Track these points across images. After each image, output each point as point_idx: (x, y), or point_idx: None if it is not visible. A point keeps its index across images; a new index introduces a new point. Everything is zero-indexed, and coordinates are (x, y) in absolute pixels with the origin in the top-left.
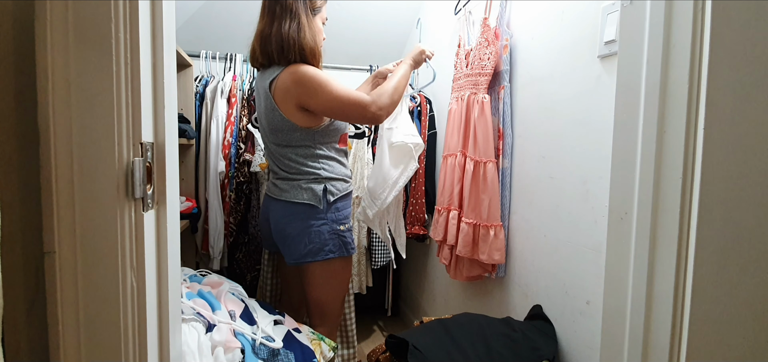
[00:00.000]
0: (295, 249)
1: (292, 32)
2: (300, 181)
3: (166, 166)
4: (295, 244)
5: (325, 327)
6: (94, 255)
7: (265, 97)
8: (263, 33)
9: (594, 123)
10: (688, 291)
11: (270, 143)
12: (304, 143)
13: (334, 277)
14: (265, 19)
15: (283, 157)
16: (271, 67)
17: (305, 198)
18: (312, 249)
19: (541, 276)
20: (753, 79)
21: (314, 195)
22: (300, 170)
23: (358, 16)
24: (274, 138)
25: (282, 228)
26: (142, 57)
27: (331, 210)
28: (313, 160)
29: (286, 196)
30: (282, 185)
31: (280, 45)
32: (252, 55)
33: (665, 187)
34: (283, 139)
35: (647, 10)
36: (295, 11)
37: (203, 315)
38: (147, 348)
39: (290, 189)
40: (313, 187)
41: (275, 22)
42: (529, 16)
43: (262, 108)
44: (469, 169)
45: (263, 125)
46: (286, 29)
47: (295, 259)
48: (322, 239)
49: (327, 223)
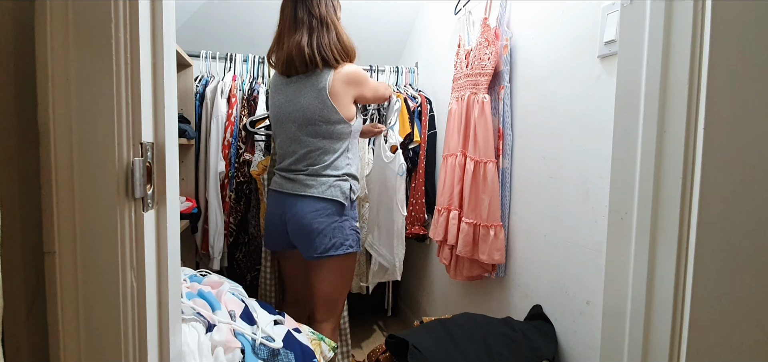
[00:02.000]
0: (320, 244)
1: (334, 41)
2: (329, 177)
3: (166, 166)
4: (320, 239)
5: (331, 322)
6: (94, 255)
7: (317, 92)
8: (301, 44)
9: (594, 123)
10: (688, 291)
11: (303, 136)
12: (341, 137)
13: (348, 271)
14: (301, 31)
15: (317, 150)
16: (316, 71)
17: (334, 194)
18: (335, 243)
19: (541, 276)
20: (753, 79)
21: (342, 193)
22: (329, 164)
23: (358, 16)
24: (312, 130)
25: (307, 223)
26: (142, 57)
27: (352, 208)
28: (343, 157)
29: (312, 192)
30: (308, 181)
31: (327, 53)
32: (286, 63)
33: (665, 187)
34: (324, 132)
35: (647, 10)
36: (331, 22)
37: (203, 315)
38: (147, 348)
39: (318, 185)
40: (342, 185)
41: (315, 34)
42: (529, 16)
43: (303, 103)
44: (469, 169)
45: (297, 119)
46: (327, 40)
47: (319, 253)
48: (344, 234)
49: (348, 220)
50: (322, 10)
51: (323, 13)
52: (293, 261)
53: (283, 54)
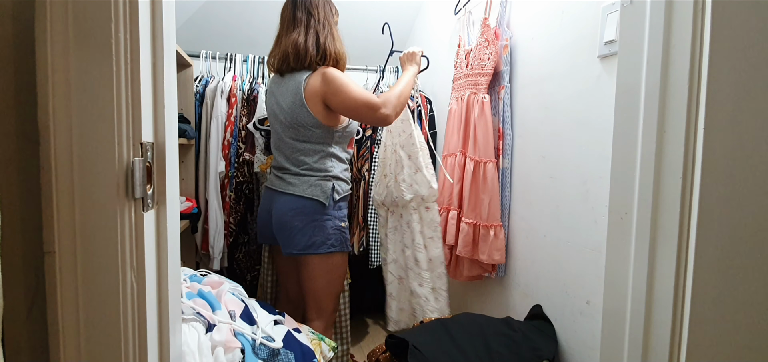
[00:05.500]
0: (299, 240)
1: (328, 42)
2: (311, 177)
3: (166, 166)
4: (298, 236)
5: (322, 321)
6: (94, 255)
7: (294, 95)
8: (297, 41)
9: (594, 123)
10: (688, 291)
11: (287, 138)
12: (322, 141)
13: (333, 271)
14: (298, 29)
15: (298, 152)
16: (302, 70)
17: (314, 194)
18: (316, 242)
19: (541, 276)
20: (753, 79)
21: (323, 193)
22: (312, 166)
23: (358, 16)
24: (293, 133)
25: (287, 220)
26: (142, 57)
27: (336, 208)
28: (325, 159)
29: (294, 190)
30: (291, 180)
31: (316, 51)
32: (282, 60)
33: (665, 187)
34: (303, 135)
35: (647, 10)
36: (329, 25)
37: (203, 315)
38: (147, 348)
39: (300, 184)
40: (323, 185)
41: (311, 32)
42: (529, 16)
43: (284, 105)
44: (469, 169)
45: (282, 121)
46: (322, 40)
47: (299, 250)
48: (325, 233)
49: (331, 219)
50: (321, 13)
51: (321, 15)
52: (282, 256)
53: (280, 51)
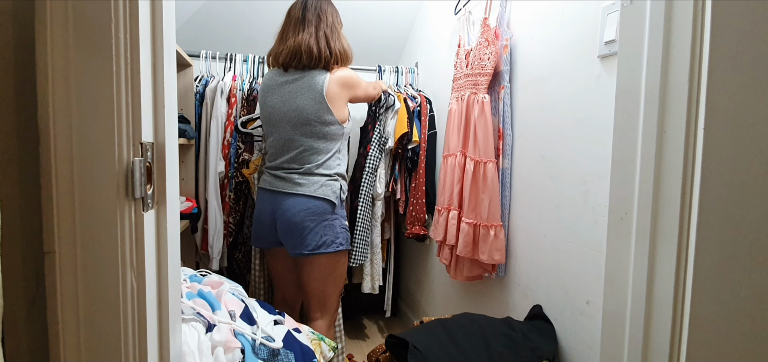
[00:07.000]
0: (310, 241)
1: (338, 44)
2: (320, 177)
3: (166, 166)
4: (309, 236)
5: (325, 319)
6: (94, 255)
7: (313, 92)
8: (309, 41)
9: (594, 123)
10: (688, 291)
11: (297, 136)
12: (335, 138)
13: (339, 268)
14: (309, 29)
15: (307, 151)
16: (313, 70)
17: (325, 194)
18: (326, 241)
19: (541, 276)
20: (753, 79)
21: (333, 193)
22: (319, 165)
23: (358, 16)
24: (307, 130)
25: (299, 221)
26: (142, 57)
27: (342, 207)
28: (334, 158)
29: (304, 191)
30: (300, 180)
31: (330, 53)
32: (291, 57)
33: (665, 187)
34: (319, 132)
35: (647, 10)
36: (336, 28)
37: (203, 315)
38: (147, 348)
39: (309, 184)
40: (332, 185)
41: (321, 34)
42: (529, 16)
43: (299, 102)
44: (469, 169)
45: (292, 119)
46: (333, 42)
47: (309, 250)
48: (334, 232)
49: (339, 219)
50: (330, 18)
51: (330, 20)
52: (281, 259)
53: (287, 48)
